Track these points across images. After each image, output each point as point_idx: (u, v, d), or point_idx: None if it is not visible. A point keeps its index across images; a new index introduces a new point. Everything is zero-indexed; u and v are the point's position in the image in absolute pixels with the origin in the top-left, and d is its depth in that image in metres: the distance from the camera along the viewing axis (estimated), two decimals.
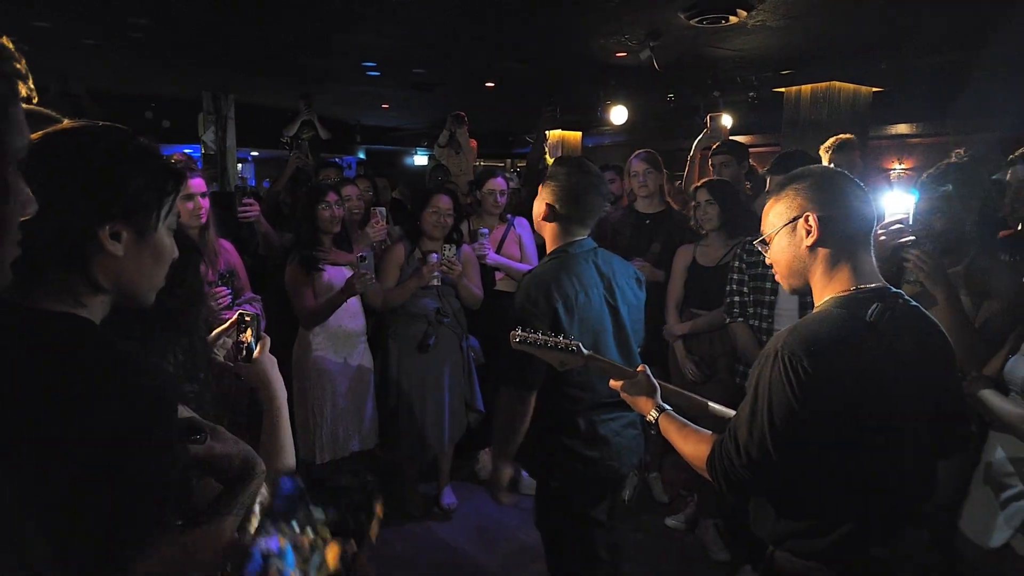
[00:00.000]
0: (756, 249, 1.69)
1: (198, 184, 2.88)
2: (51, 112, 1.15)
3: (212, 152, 8.23)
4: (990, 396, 1.94)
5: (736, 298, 3.17)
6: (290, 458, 1.38)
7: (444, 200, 3.62)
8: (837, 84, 6.31)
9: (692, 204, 3.55)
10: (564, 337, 1.89)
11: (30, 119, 0.82)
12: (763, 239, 1.60)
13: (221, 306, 2.72)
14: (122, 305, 1.06)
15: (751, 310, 3.14)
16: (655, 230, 3.89)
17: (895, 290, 1.50)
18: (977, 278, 2.28)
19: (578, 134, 10.05)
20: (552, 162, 2.46)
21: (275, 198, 4.75)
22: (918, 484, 1.49)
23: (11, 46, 0.78)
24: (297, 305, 3.33)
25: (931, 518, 1.99)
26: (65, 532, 0.87)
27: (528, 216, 3.69)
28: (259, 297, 3.15)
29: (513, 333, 1.93)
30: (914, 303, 1.51)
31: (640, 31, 5.03)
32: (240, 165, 10.38)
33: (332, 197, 3.38)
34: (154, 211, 1.04)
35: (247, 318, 1.44)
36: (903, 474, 1.44)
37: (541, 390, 2.15)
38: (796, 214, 1.51)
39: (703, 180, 3.53)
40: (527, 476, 3.56)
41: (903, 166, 8.36)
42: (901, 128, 8.29)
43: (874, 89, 6.57)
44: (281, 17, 4.91)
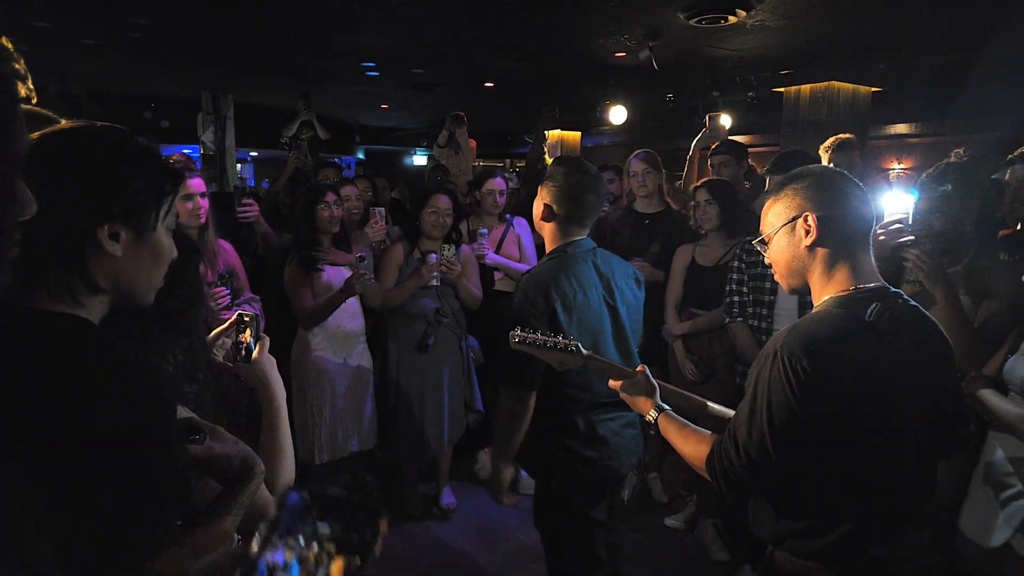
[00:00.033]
0: (755, 249, 1.69)
1: (197, 184, 2.87)
2: (49, 112, 1.15)
3: (211, 152, 8.23)
4: (989, 396, 1.94)
5: (735, 298, 3.17)
6: (289, 458, 1.38)
7: (443, 200, 3.62)
8: (836, 84, 6.31)
9: (691, 204, 3.54)
10: (563, 337, 1.89)
11: (29, 119, 0.82)
12: (762, 239, 1.60)
13: (220, 306, 2.72)
14: (121, 305, 1.06)
15: (750, 310, 3.14)
16: (654, 230, 3.88)
17: (894, 290, 1.50)
18: (976, 278, 2.28)
19: (577, 134, 10.06)
20: (551, 162, 2.46)
21: (274, 198, 4.74)
22: (918, 484, 1.49)
23: (10, 46, 0.78)
24: (296, 305, 3.33)
25: (931, 518, 1.98)
26: (66, 532, 0.87)
27: (527, 216, 3.69)
28: (258, 297, 3.15)
29: (512, 333, 1.93)
30: (913, 303, 1.51)
31: (639, 31, 5.03)
32: (239, 165, 10.37)
33: (331, 197, 3.38)
34: (153, 211, 1.04)
35: (246, 318, 1.44)
36: (902, 474, 1.44)
37: (540, 390, 2.15)
38: (795, 214, 1.51)
39: (702, 180, 3.53)
40: (526, 476, 3.57)
41: (902, 166, 8.36)
42: (900, 128, 8.29)
43: (873, 89, 6.58)
44: (281, 17, 4.91)
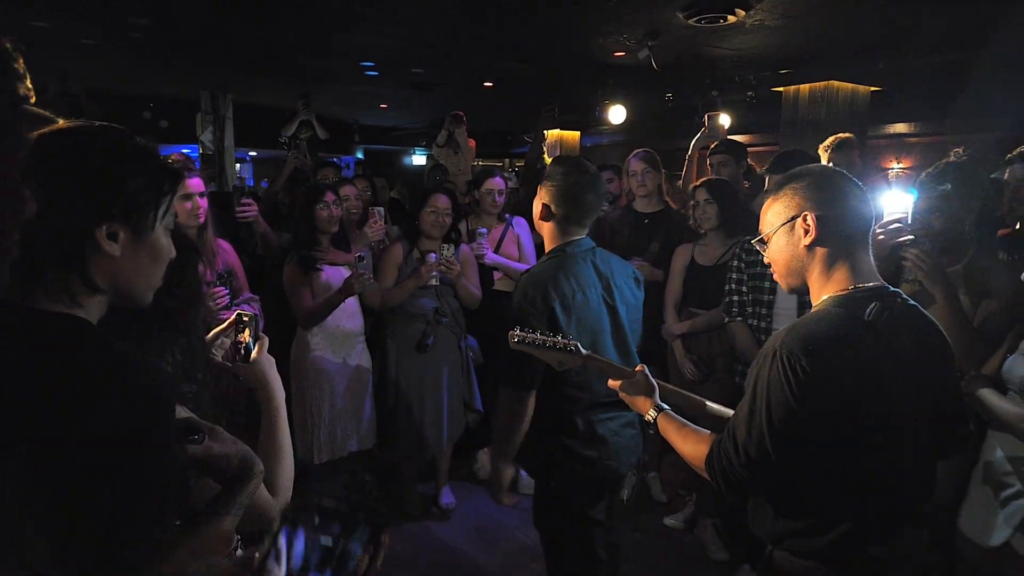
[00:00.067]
0: (755, 248, 1.68)
1: (196, 184, 2.87)
2: (47, 112, 1.15)
3: (210, 152, 8.23)
4: (989, 395, 1.94)
5: (735, 297, 3.17)
6: (288, 458, 1.38)
7: (442, 200, 3.62)
8: (835, 83, 6.31)
9: (691, 203, 3.54)
10: (562, 337, 1.89)
11: (27, 119, 0.82)
12: (761, 238, 1.60)
13: (219, 306, 2.72)
14: (119, 305, 1.06)
15: (750, 309, 3.13)
16: (654, 229, 3.88)
17: (893, 289, 1.50)
18: (976, 277, 2.28)
19: (576, 134, 10.05)
20: (550, 162, 2.46)
21: (273, 198, 4.73)
22: (917, 484, 1.49)
23: (10, 46, 0.78)
24: (295, 305, 3.33)
25: (930, 518, 1.99)
26: (65, 532, 0.87)
27: (526, 216, 3.69)
28: (257, 297, 3.15)
29: (511, 333, 1.93)
30: (912, 302, 1.51)
31: (639, 31, 5.03)
32: (238, 165, 10.37)
33: (330, 197, 3.38)
34: (151, 211, 1.04)
35: (245, 318, 1.44)
36: (902, 473, 1.44)
37: (539, 390, 2.14)
38: (794, 213, 1.51)
39: (702, 179, 3.53)
40: (526, 476, 3.56)
41: (901, 165, 8.36)
42: (899, 127, 8.30)
43: (872, 88, 6.57)
44: (281, 17, 4.91)
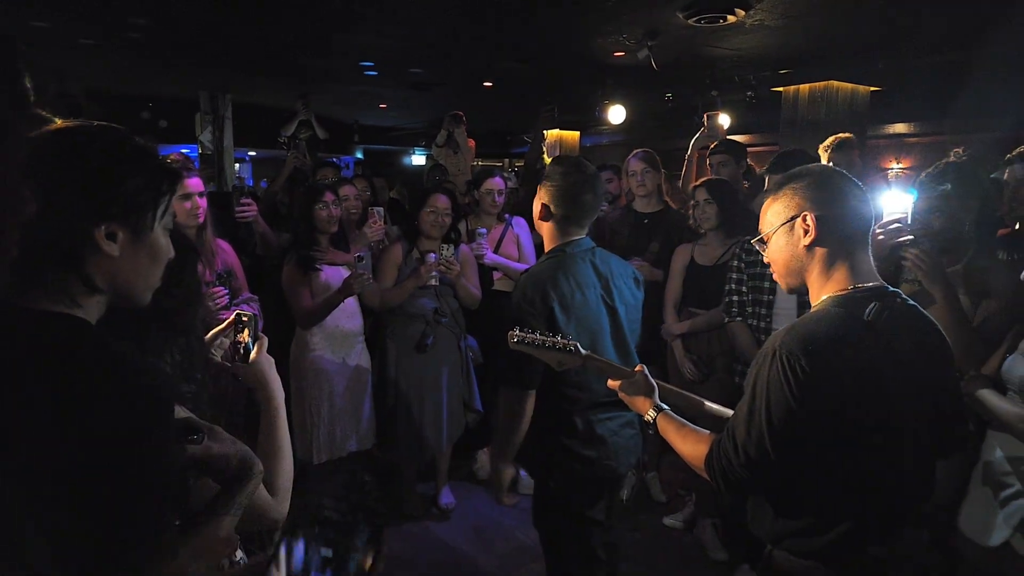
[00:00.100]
0: (755, 248, 1.68)
1: (195, 184, 2.87)
2: (46, 113, 1.15)
3: (209, 152, 8.22)
4: (988, 396, 1.94)
5: (735, 297, 3.17)
6: (288, 458, 1.38)
7: (442, 200, 3.62)
8: (835, 83, 6.31)
9: (690, 203, 3.54)
10: (562, 337, 1.89)
11: (28, 120, 0.82)
12: (761, 238, 1.60)
13: (219, 306, 2.72)
14: (118, 305, 1.06)
15: (749, 309, 3.13)
16: (653, 229, 3.88)
17: (893, 289, 1.50)
18: (975, 277, 2.28)
19: (576, 134, 10.05)
20: (549, 162, 2.46)
21: (273, 198, 4.74)
22: (916, 484, 1.49)
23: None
24: (294, 305, 3.32)
25: (930, 518, 1.99)
26: (64, 532, 0.87)
27: (526, 216, 3.69)
28: (256, 297, 3.15)
29: (511, 333, 1.93)
30: (912, 302, 1.51)
31: (638, 30, 5.03)
32: (237, 165, 10.37)
33: (329, 197, 3.38)
34: (150, 211, 1.04)
35: (244, 318, 1.44)
36: (901, 473, 1.44)
37: (539, 390, 2.14)
38: (794, 213, 1.51)
39: (702, 179, 3.53)
40: (525, 476, 3.56)
41: (901, 165, 8.36)
42: (899, 127, 8.30)
43: (872, 88, 6.57)
44: (281, 17, 4.90)
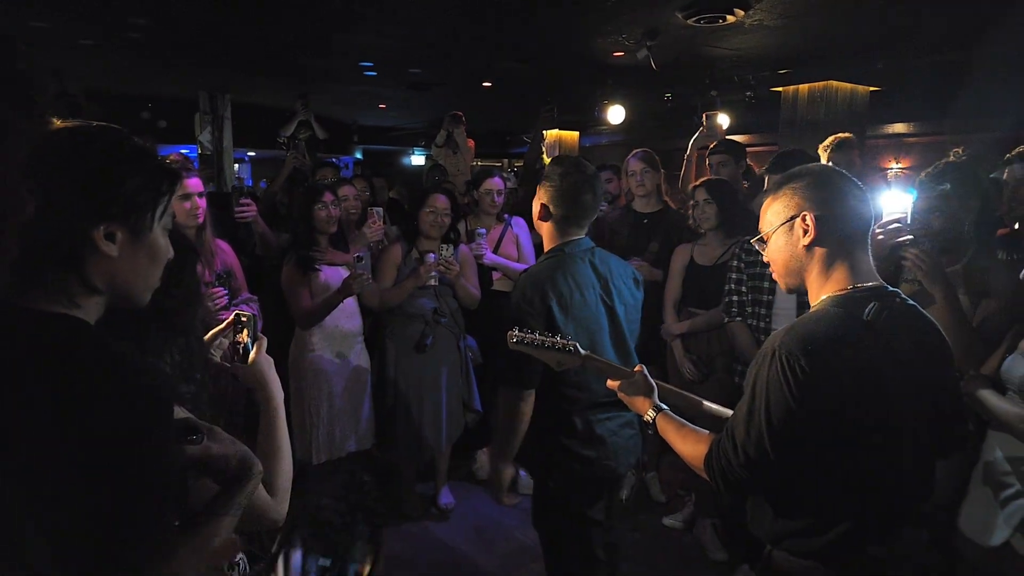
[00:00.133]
0: (754, 248, 1.68)
1: (195, 184, 2.87)
2: (47, 114, 1.15)
3: (208, 152, 8.22)
4: (988, 396, 1.94)
5: (734, 297, 3.17)
6: (287, 459, 1.37)
7: (441, 200, 3.62)
8: (834, 83, 6.31)
9: (690, 203, 3.54)
10: (561, 337, 1.89)
11: (29, 121, 0.82)
12: (761, 237, 1.60)
13: (218, 307, 2.72)
14: (117, 306, 1.06)
15: (749, 309, 3.13)
16: (653, 229, 3.88)
17: (892, 289, 1.50)
18: (975, 277, 2.28)
19: (575, 134, 10.05)
20: (549, 162, 2.46)
21: (272, 198, 4.74)
22: (916, 483, 1.49)
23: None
24: (293, 305, 3.32)
25: (929, 517, 1.98)
26: (64, 532, 0.87)
27: (525, 216, 3.69)
28: (256, 297, 3.15)
29: (510, 333, 1.93)
30: (911, 302, 1.50)
31: (638, 30, 5.03)
32: (236, 165, 10.36)
33: (328, 197, 3.37)
34: (149, 211, 1.04)
35: (243, 318, 1.44)
36: (900, 473, 1.43)
37: (538, 390, 2.15)
38: (793, 213, 1.50)
39: (701, 179, 3.52)
40: (525, 476, 3.57)
41: (900, 165, 8.36)
42: (898, 127, 8.30)
43: (871, 88, 6.57)
44: (281, 17, 4.90)
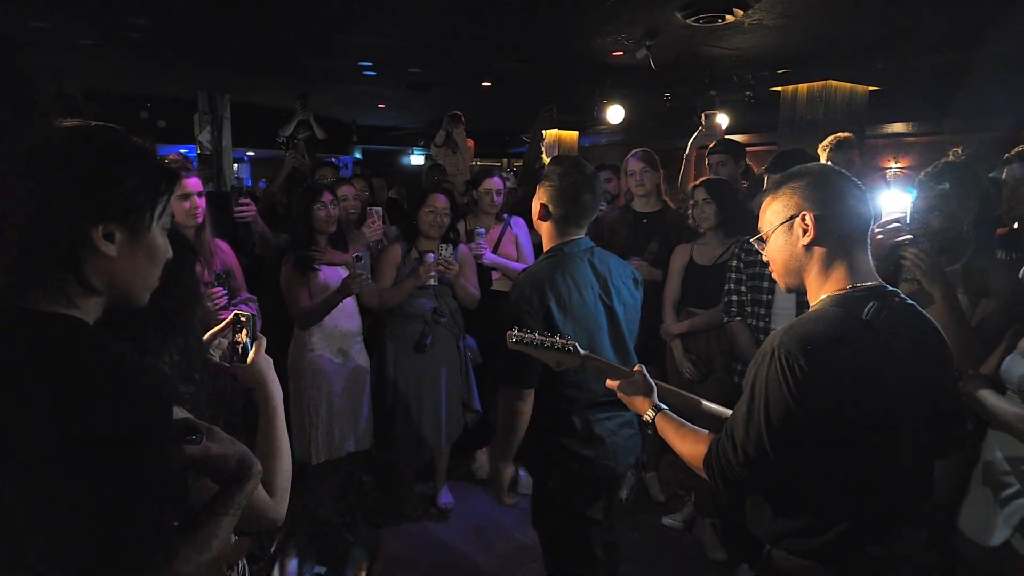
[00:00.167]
0: (754, 248, 1.68)
1: (194, 184, 2.87)
2: (47, 115, 1.15)
3: (208, 152, 8.21)
4: (987, 396, 1.94)
5: (734, 297, 3.17)
6: (286, 459, 1.38)
7: (440, 200, 3.62)
8: (833, 83, 6.30)
9: (690, 203, 3.54)
10: (560, 337, 1.89)
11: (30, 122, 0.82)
12: (760, 237, 1.60)
13: (217, 307, 2.72)
14: (116, 306, 1.06)
15: (749, 309, 3.13)
16: (652, 229, 3.88)
17: (891, 288, 1.50)
18: (974, 277, 2.28)
19: (575, 133, 10.05)
20: (548, 162, 2.46)
21: (271, 198, 4.74)
22: (915, 483, 1.49)
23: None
24: (292, 305, 3.32)
25: (929, 517, 1.99)
26: (64, 532, 0.87)
27: (525, 216, 3.69)
28: (255, 297, 3.14)
29: (509, 333, 1.93)
30: (910, 301, 1.50)
31: (637, 30, 5.02)
32: (236, 165, 10.36)
33: (327, 197, 3.37)
34: (148, 211, 1.04)
35: (242, 318, 1.44)
36: (900, 473, 1.44)
37: (537, 389, 2.15)
38: (793, 212, 1.50)
39: (701, 179, 3.52)
40: (525, 476, 3.57)
41: (899, 165, 8.36)
42: (897, 127, 8.30)
43: (871, 88, 6.57)
44: (281, 17, 4.90)
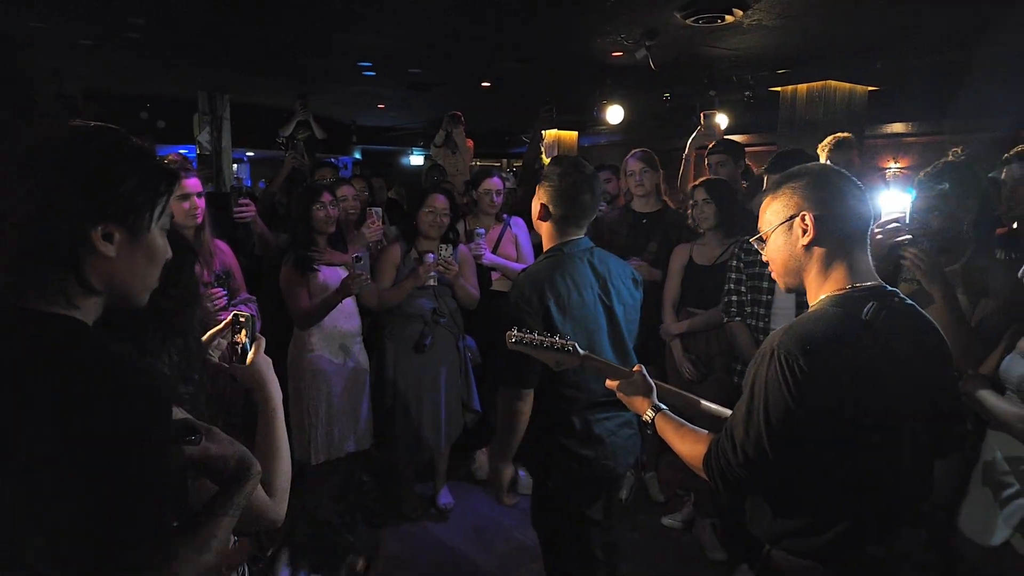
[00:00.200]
0: (753, 248, 1.68)
1: (194, 184, 2.87)
2: (47, 115, 1.15)
3: (207, 152, 8.21)
4: (987, 396, 1.94)
5: (733, 297, 3.17)
6: (286, 459, 1.38)
7: (440, 200, 3.61)
8: (833, 83, 6.30)
9: (689, 203, 3.54)
10: (560, 337, 1.89)
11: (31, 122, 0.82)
12: (760, 236, 1.60)
13: (217, 307, 2.72)
14: (116, 306, 1.06)
15: (748, 309, 3.13)
16: (652, 229, 3.88)
17: (891, 288, 1.50)
18: (974, 277, 2.28)
19: (574, 134, 10.05)
20: (548, 162, 2.46)
21: (271, 199, 4.74)
22: (914, 483, 1.49)
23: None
24: (292, 306, 3.32)
25: (928, 517, 1.99)
26: (64, 533, 0.87)
27: (524, 216, 3.69)
28: (254, 298, 3.15)
29: (509, 333, 1.93)
30: (910, 301, 1.50)
31: (636, 30, 5.02)
32: (235, 165, 10.35)
33: (327, 197, 3.37)
34: (147, 212, 1.04)
35: (242, 319, 1.44)
36: (899, 473, 1.44)
37: (537, 389, 2.15)
38: (792, 213, 1.50)
39: (700, 179, 3.53)
40: (524, 476, 3.57)
41: (898, 165, 8.36)
42: (897, 127, 8.30)
43: (870, 88, 6.57)
44: (281, 17, 4.89)
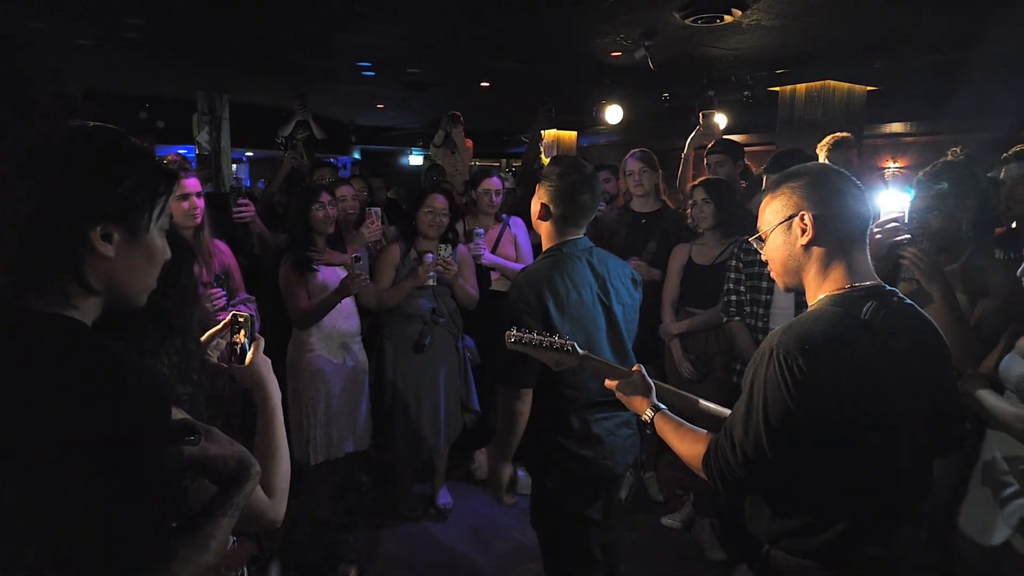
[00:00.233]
0: (753, 248, 1.69)
1: (193, 184, 2.87)
2: (47, 115, 1.15)
3: (206, 152, 8.20)
4: (986, 396, 1.94)
5: (733, 297, 3.17)
6: (285, 459, 1.38)
7: (439, 200, 3.61)
8: (832, 83, 6.30)
9: (688, 203, 3.54)
10: (559, 337, 1.89)
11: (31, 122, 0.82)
12: (759, 236, 1.60)
13: (216, 307, 2.72)
14: (114, 306, 1.06)
15: (747, 309, 3.13)
16: (651, 229, 3.88)
17: (890, 288, 1.50)
18: (973, 276, 2.28)
19: (573, 134, 10.05)
20: (547, 162, 2.46)
21: (270, 199, 4.74)
22: (913, 483, 1.49)
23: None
24: (291, 306, 3.31)
25: (927, 517, 1.99)
26: (64, 532, 0.87)
27: (523, 216, 3.69)
28: (253, 298, 3.14)
29: (508, 333, 1.93)
30: (909, 301, 1.51)
31: (636, 30, 5.02)
32: (234, 165, 10.35)
33: (326, 197, 3.37)
34: (146, 212, 1.04)
35: (241, 319, 1.44)
36: (898, 473, 1.44)
37: (536, 389, 2.15)
38: (791, 212, 1.50)
39: (700, 179, 3.53)
40: (523, 476, 3.57)
41: (897, 165, 8.37)
42: (895, 127, 8.30)
43: (869, 88, 6.57)
44: (281, 17, 4.89)
